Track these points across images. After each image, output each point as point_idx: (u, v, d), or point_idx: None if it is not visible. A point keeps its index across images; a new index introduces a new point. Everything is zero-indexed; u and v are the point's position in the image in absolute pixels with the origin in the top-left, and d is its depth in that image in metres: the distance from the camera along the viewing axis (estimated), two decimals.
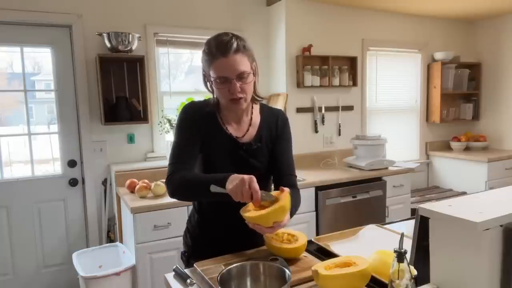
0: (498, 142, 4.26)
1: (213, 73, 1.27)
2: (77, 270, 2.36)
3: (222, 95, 1.30)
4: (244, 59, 1.28)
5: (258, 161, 1.39)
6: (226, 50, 1.24)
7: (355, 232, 1.55)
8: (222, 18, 3.25)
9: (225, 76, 1.26)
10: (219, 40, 1.27)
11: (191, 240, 1.49)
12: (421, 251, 0.93)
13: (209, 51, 1.27)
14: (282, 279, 1.05)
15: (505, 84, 4.13)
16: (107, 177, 2.95)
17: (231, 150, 1.37)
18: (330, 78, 3.41)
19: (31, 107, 2.83)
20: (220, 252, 1.34)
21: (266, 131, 1.43)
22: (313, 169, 3.31)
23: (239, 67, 1.26)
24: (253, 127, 1.42)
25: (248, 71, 1.29)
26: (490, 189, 2.14)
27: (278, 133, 1.45)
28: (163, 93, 3.14)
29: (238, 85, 1.26)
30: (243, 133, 1.40)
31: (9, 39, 2.68)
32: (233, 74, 1.25)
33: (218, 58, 1.25)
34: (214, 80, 1.28)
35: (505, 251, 0.83)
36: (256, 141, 1.40)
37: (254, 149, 1.39)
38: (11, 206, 2.76)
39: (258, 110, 1.46)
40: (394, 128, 4.05)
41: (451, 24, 4.29)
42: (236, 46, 1.26)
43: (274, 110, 1.50)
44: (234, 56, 1.25)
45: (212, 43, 1.27)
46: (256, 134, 1.41)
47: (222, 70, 1.25)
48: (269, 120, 1.45)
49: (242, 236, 1.38)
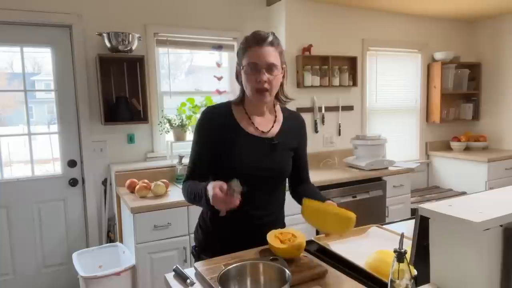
0: (498, 142, 4.26)
1: (245, 61, 1.35)
2: (77, 270, 2.36)
3: (249, 83, 1.36)
4: (276, 54, 1.36)
5: (279, 156, 1.44)
6: (261, 41, 1.33)
7: (355, 232, 1.55)
8: (222, 18, 3.24)
9: (255, 63, 1.33)
10: (257, 33, 1.36)
11: (203, 235, 1.51)
12: (421, 251, 0.93)
13: (245, 42, 1.37)
14: (282, 279, 1.05)
15: (505, 84, 4.13)
16: (107, 177, 2.95)
17: (253, 144, 1.40)
18: (330, 78, 3.41)
19: (31, 107, 2.83)
20: (230, 249, 1.35)
21: (288, 130, 1.49)
22: (313, 169, 3.28)
23: (270, 58, 1.33)
24: (277, 123, 1.48)
25: (278, 64, 1.36)
26: (490, 189, 2.14)
27: (299, 135, 1.55)
28: (163, 93, 3.14)
29: (266, 76, 1.32)
30: (268, 128, 1.45)
31: (9, 39, 2.68)
32: (263, 63, 1.32)
33: (252, 47, 1.34)
34: (245, 68, 1.35)
35: (505, 251, 0.83)
36: (279, 137, 1.45)
37: (277, 144, 1.43)
38: (11, 206, 2.76)
39: (280, 110, 1.54)
40: (394, 128, 4.05)
41: (451, 24, 4.29)
42: (271, 39, 1.35)
43: (294, 113, 1.59)
44: (267, 47, 1.33)
45: (250, 36, 1.37)
46: (280, 131, 1.47)
47: (254, 57, 1.33)
48: (291, 121, 1.53)
49: (253, 233, 1.40)
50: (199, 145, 1.43)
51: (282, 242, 1.28)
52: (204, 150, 1.41)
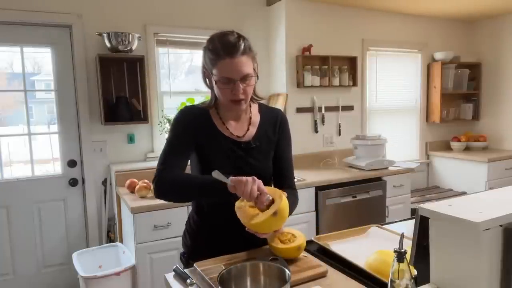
0: (498, 142, 4.26)
1: (216, 72, 1.25)
2: (77, 270, 2.36)
3: (223, 95, 1.29)
4: (249, 61, 1.27)
5: (257, 160, 1.39)
6: (234, 52, 1.23)
7: (355, 232, 1.55)
8: (222, 18, 3.24)
9: (229, 77, 1.24)
10: (226, 40, 1.24)
11: (191, 241, 1.48)
12: (421, 251, 0.93)
13: (214, 50, 1.25)
14: (282, 279, 1.05)
15: (505, 84, 4.13)
16: (107, 177, 2.95)
17: (230, 149, 1.36)
18: (330, 78, 3.41)
19: (31, 107, 2.83)
20: (219, 253, 1.34)
21: (265, 130, 1.42)
22: (313, 169, 3.31)
23: (244, 69, 1.25)
24: (253, 126, 1.41)
25: (252, 73, 1.28)
26: (490, 189, 2.14)
27: (278, 133, 1.45)
28: (163, 93, 3.14)
29: (242, 87, 1.26)
30: (243, 132, 1.39)
31: (9, 39, 2.68)
32: (238, 76, 1.24)
33: (224, 58, 1.23)
34: (217, 80, 1.26)
35: (505, 251, 0.83)
36: (256, 141, 1.39)
37: (253, 148, 1.38)
38: (11, 206, 2.76)
39: (257, 109, 1.45)
40: (394, 128, 4.05)
41: (451, 24, 4.28)
42: (243, 47, 1.25)
43: (273, 110, 1.50)
44: (240, 58, 1.24)
45: (218, 42, 1.25)
46: (256, 134, 1.40)
47: (227, 71, 1.24)
48: (269, 119, 1.44)
49: (241, 237, 1.37)
50: (176, 140, 1.33)
51: (282, 242, 1.28)
52: (181, 147, 1.33)
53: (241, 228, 1.21)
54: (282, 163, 1.45)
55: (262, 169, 1.40)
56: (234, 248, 1.37)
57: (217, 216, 1.41)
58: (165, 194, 1.27)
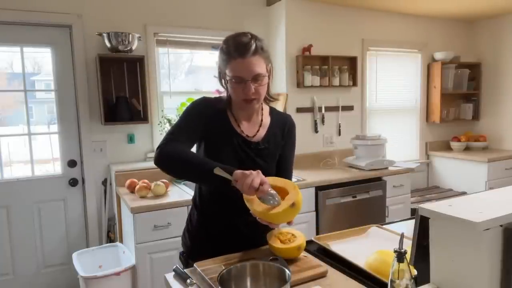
0: (498, 142, 4.26)
1: (229, 72, 1.29)
2: (77, 270, 2.36)
3: (236, 94, 1.32)
4: (261, 61, 1.29)
5: (264, 161, 1.41)
6: (245, 51, 1.26)
7: (355, 232, 1.55)
8: (222, 18, 3.24)
9: (241, 77, 1.27)
10: (238, 41, 1.28)
11: (190, 241, 1.49)
12: (421, 251, 0.93)
13: (227, 50, 1.29)
14: (282, 279, 1.05)
15: (505, 84, 4.13)
16: (107, 177, 2.95)
17: (240, 147, 1.38)
18: (330, 78, 3.41)
19: (31, 107, 2.83)
20: (219, 253, 1.34)
21: (274, 133, 1.45)
22: (313, 169, 3.31)
23: (255, 69, 1.27)
24: (263, 128, 1.44)
25: (264, 73, 1.31)
26: (490, 189, 2.14)
27: (286, 138, 1.48)
28: (163, 93, 3.14)
29: (253, 87, 1.28)
30: (253, 133, 1.42)
31: (9, 39, 2.68)
32: (249, 75, 1.27)
33: (235, 58, 1.26)
34: (230, 79, 1.30)
35: (505, 251, 0.83)
36: (264, 142, 1.42)
37: (262, 149, 1.41)
38: (11, 206, 2.76)
39: (268, 112, 1.48)
40: (394, 128, 4.05)
41: (451, 24, 4.28)
42: (254, 47, 1.27)
43: (283, 115, 1.54)
44: (251, 58, 1.26)
45: (231, 43, 1.29)
46: (265, 136, 1.43)
47: (238, 70, 1.27)
48: (279, 123, 1.48)
49: (242, 235, 1.38)
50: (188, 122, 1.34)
51: (282, 242, 1.28)
52: (190, 130, 1.34)
53: (243, 226, 1.21)
54: (283, 165, 1.49)
55: (266, 170, 1.40)
56: (234, 248, 1.37)
57: (217, 216, 1.42)
58: (166, 162, 1.27)
